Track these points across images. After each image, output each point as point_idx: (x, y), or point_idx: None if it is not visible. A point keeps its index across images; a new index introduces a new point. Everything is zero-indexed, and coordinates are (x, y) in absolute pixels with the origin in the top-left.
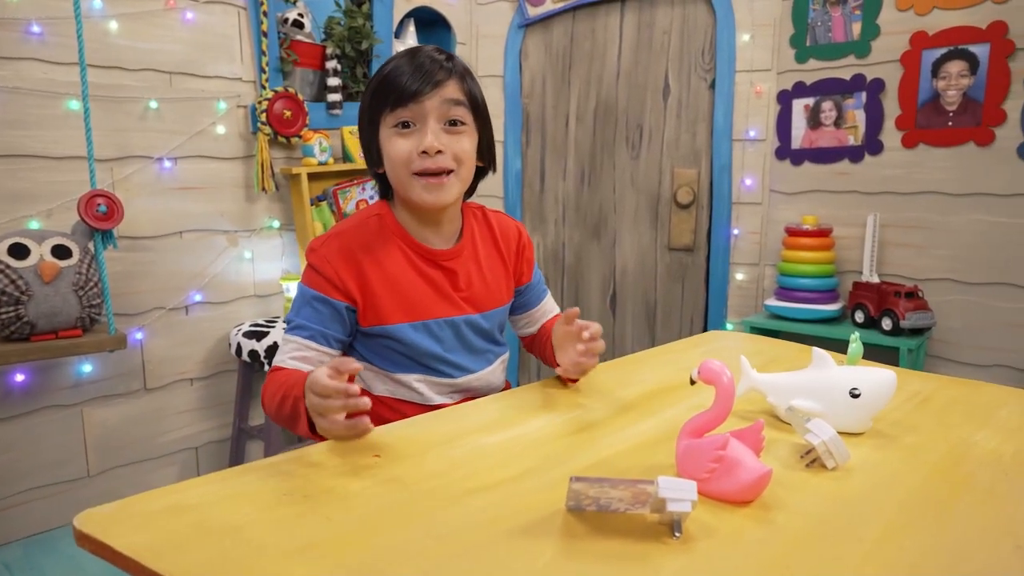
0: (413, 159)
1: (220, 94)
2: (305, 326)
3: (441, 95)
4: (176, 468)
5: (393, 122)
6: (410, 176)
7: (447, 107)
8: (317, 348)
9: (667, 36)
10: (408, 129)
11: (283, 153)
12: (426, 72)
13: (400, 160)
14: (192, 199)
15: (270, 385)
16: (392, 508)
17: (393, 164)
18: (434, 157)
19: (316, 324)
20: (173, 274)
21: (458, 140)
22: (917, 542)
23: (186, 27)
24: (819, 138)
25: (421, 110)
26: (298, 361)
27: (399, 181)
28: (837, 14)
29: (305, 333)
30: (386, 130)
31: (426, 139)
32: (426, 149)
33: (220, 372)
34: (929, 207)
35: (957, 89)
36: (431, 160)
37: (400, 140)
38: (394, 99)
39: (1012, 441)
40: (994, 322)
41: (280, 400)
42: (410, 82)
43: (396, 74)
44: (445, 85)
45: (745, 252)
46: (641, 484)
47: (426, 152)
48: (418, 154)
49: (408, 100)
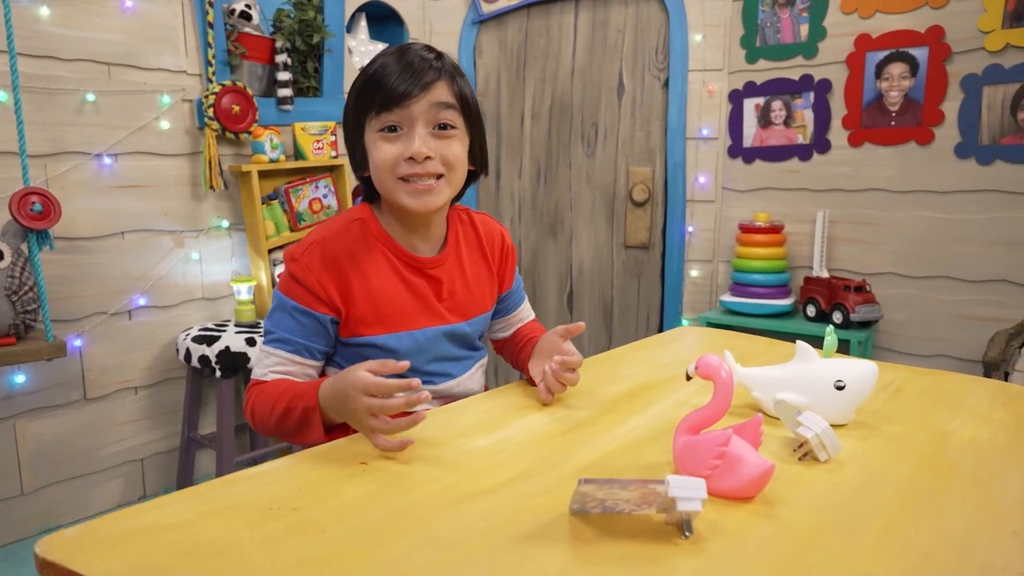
0: (399, 165)
1: (163, 87)
2: (288, 339)
3: (430, 98)
4: (120, 482)
5: (379, 126)
6: (396, 181)
7: (436, 111)
8: (301, 362)
9: (621, 35)
10: (395, 133)
11: (232, 150)
12: (414, 72)
13: (386, 166)
14: (134, 198)
15: (260, 398)
16: (388, 518)
17: (378, 170)
18: (422, 163)
19: (299, 337)
20: (115, 277)
21: (448, 145)
22: (921, 533)
23: (125, 16)
24: (770, 137)
25: (408, 114)
26: (281, 375)
27: (385, 187)
28: (785, 16)
29: (288, 347)
30: (371, 133)
31: (413, 145)
32: (413, 155)
33: (167, 379)
34: (874, 204)
35: (899, 90)
36: (419, 166)
37: (386, 145)
38: (380, 101)
39: (985, 428)
40: (936, 314)
41: (283, 412)
42: (397, 83)
43: (383, 74)
44: (434, 87)
45: (699, 249)
46: (651, 484)
47: (413, 158)
48: (405, 160)
49: (394, 104)
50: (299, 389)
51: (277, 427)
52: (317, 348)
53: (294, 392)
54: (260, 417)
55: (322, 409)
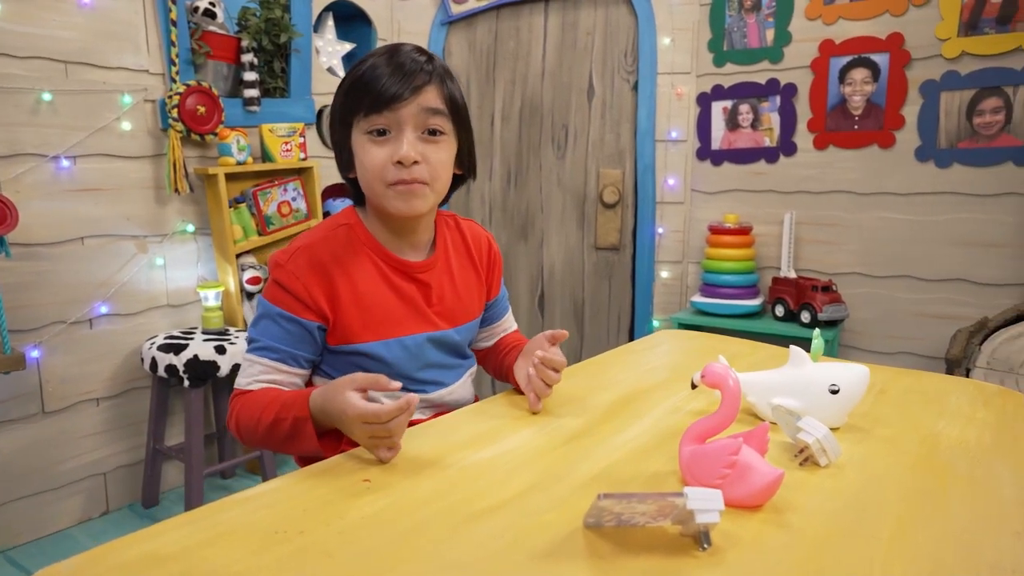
0: (387, 169)
1: (124, 87)
2: (273, 347)
3: (419, 103)
4: (81, 498)
5: (367, 128)
6: (384, 187)
7: (425, 116)
8: (287, 370)
9: (591, 37)
10: (383, 136)
11: (197, 152)
12: (405, 75)
13: (374, 170)
14: (95, 201)
15: (245, 409)
16: (397, 539)
17: (366, 173)
18: (409, 168)
19: (285, 345)
20: (74, 284)
21: (435, 151)
22: (929, 537)
23: (83, 12)
24: (737, 139)
25: (397, 117)
26: (267, 384)
27: (372, 191)
28: (752, 21)
29: (273, 355)
30: (360, 135)
31: (401, 149)
32: (401, 159)
33: (130, 389)
34: (839, 205)
35: (862, 95)
36: (406, 171)
37: (374, 148)
38: (369, 103)
39: (971, 428)
40: (899, 312)
41: (271, 423)
42: (388, 85)
43: (372, 75)
44: (424, 91)
45: (669, 250)
46: (670, 497)
47: (401, 162)
48: (393, 163)
49: (384, 106)
50: (287, 399)
51: (265, 438)
52: (303, 356)
53: (282, 402)
54: (246, 428)
55: (314, 418)
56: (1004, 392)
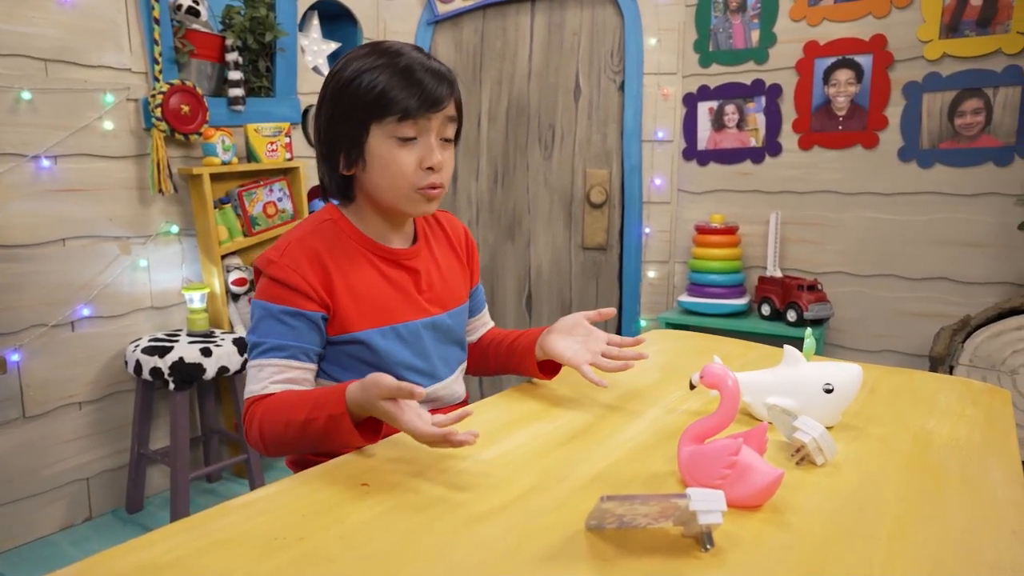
0: (417, 174)
1: (106, 86)
2: (282, 346)
3: (445, 113)
4: (64, 504)
5: (397, 132)
6: (412, 191)
7: (446, 124)
8: (300, 366)
9: (577, 37)
10: (410, 142)
11: (181, 152)
12: (439, 83)
13: (403, 174)
14: (77, 202)
15: (268, 414)
16: (400, 542)
17: (392, 176)
18: (438, 173)
19: (292, 340)
20: (56, 286)
21: (449, 156)
22: (928, 536)
23: (64, 10)
24: (723, 140)
25: (428, 125)
26: (283, 384)
27: (395, 192)
28: (737, 22)
29: (283, 354)
30: (384, 138)
31: (435, 156)
32: (434, 166)
33: (114, 393)
34: (824, 205)
35: (846, 96)
36: (436, 176)
37: (403, 153)
38: (407, 108)
39: (961, 425)
40: (882, 311)
41: (303, 423)
42: (428, 92)
43: (409, 79)
44: (448, 102)
45: (656, 250)
46: (673, 499)
47: (432, 168)
48: (424, 169)
49: (421, 113)
50: (316, 398)
51: (297, 440)
52: (312, 350)
53: (312, 402)
54: (271, 433)
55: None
56: (991, 389)
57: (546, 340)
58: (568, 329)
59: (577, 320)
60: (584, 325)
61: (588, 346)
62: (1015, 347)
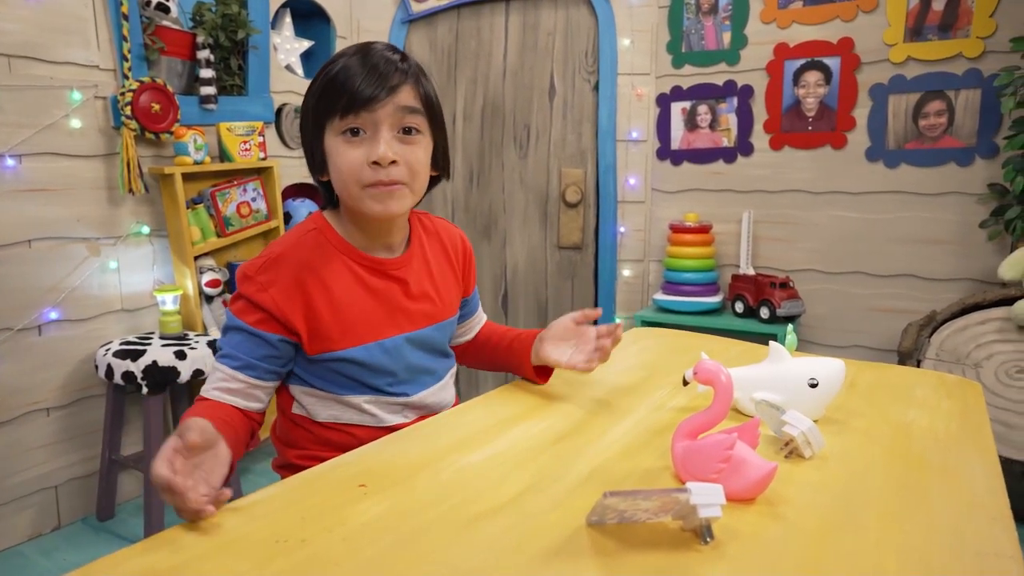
0: (363, 171)
1: (73, 83)
2: (234, 355)
3: (395, 102)
4: (32, 512)
5: (341, 128)
6: (360, 189)
7: (401, 115)
8: (244, 379)
9: (551, 37)
10: (358, 137)
11: (152, 151)
12: (380, 75)
13: (349, 171)
14: (42, 203)
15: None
16: (402, 544)
17: (341, 175)
18: (387, 168)
19: (245, 354)
20: (21, 289)
21: (412, 150)
22: (915, 526)
23: (28, 5)
24: (696, 140)
25: (373, 118)
26: (223, 393)
27: (348, 192)
28: (709, 24)
29: (233, 363)
30: (333, 137)
31: (379, 149)
32: (378, 160)
33: (84, 398)
34: (794, 204)
35: (815, 97)
36: (383, 172)
37: (349, 149)
38: (344, 105)
39: (938, 418)
40: (852, 307)
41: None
42: (363, 86)
43: (346, 76)
44: (400, 90)
45: (631, 249)
46: (674, 493)
47: (378, 163)
48: (369, 165)
49: (360, 107)
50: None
51: None
52: (264, 367)
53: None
54: None
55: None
56: (964, 383)
57: (541, 348)
58: (560, 336)
59: (566, 325)
60: (573, 328)
61: (581, 348)
62: (978, 341)
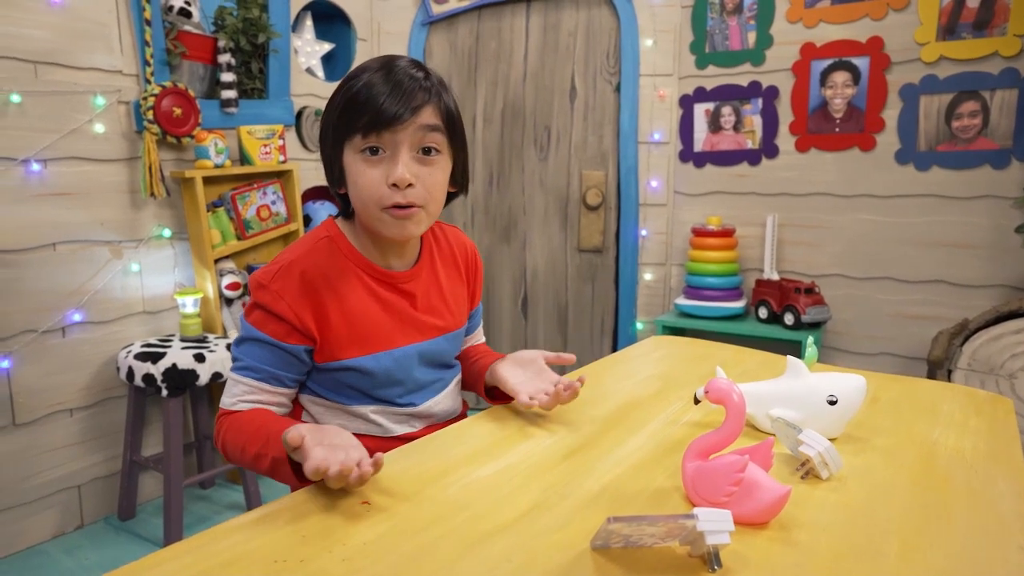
0: (382, 191)
1: (97, 88)
2: (256, 368)
3: (417, 122)
4: (55, 512)
5: (361, 147)
6: (379, 211)
7: (422, 134)
8: (270, 390)
9: (572, 38)
10: (377, 156)
11: (173, 155)
12: (404, 94)
13: (368, 192)
14: (67, 206)
15: (231, 433)
16: (404, 564)
17: (360, 194)
18: (404, 191)
19: (268, 366)
20: (46, 292)
21: (431, 172)
22: (937, 553)
23: (53, 11)
24: (720, 141)
25: (394, 139)
26: (252, 404)
27: (366, 213)
28: (733, 23)
29: (256, 375)
30: (353, 154)
31: (396, 170)
32: (396, 182)
33: (106, 399)
34: (820, 207)
35: (843, 98)
36: (400, 194)
37: (368, 168)
38: (366, 124)
39: (966, 437)
40: (879, 313)
41: (253, 457)
42: (387, 105)
43: (369, 94)
44: (423, 110)
45: (652, 252)
46: (680, 519)
47: (396, 185)
48: (388, 186)
49: (382, 127)
50: (271, 434)
51: (251, 467)
52: (287, 376)
53: (264, 438)
54: (232, 452)
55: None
56: (993, 398)
57: (498, 366)
58: (523, 362)
59: (534, 357)
60: (539, 363)
61: (535, 382)
62: (1013, 351)
